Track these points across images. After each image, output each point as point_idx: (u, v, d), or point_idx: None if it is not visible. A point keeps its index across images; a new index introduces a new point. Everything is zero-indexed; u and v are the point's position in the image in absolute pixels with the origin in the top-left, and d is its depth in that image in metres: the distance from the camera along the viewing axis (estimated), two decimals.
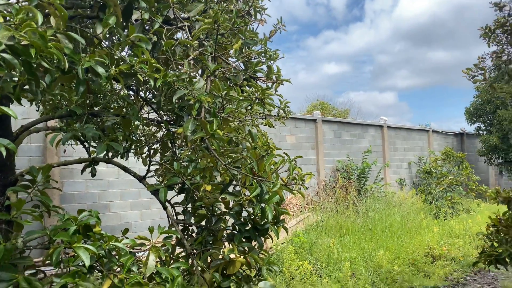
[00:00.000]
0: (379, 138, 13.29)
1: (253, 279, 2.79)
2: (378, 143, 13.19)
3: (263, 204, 2.40)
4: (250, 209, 2.65)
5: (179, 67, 2.29)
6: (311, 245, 7.09)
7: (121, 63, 1.98)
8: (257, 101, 2.19)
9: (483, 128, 16.06)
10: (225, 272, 2.71)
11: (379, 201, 10.47)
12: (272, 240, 3.34)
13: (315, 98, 28.92)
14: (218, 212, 2.90)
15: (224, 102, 2.09)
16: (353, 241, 7.45)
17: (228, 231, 2.85)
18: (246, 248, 2.72)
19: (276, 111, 3.23)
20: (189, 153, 2.55)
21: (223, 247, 2.83)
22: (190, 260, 2.69)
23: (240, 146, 2.29)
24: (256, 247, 2.79)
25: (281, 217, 2.78)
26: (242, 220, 2.77)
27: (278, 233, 2.74)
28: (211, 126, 1.99)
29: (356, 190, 10.61)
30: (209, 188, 2.25)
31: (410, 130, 14.82)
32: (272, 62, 2.56)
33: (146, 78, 2.06)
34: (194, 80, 2.19)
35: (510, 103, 15.11)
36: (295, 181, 2.21)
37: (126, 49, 2.31)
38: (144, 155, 3.11)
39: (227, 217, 2.82)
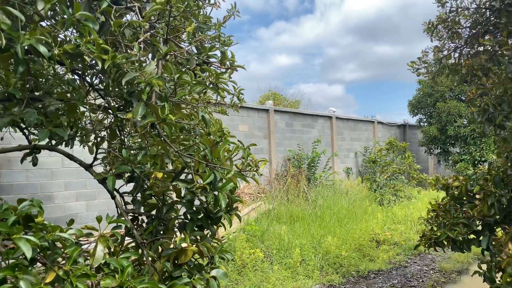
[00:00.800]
0: (328, 129, 13.66)
1: (205, 268, 2.78)
2: (327, 133, 13.56)
3: (216, 192, 2.39)
4: (203, 198, 2.63)
5: (128, 50, 2.19)
6: (263, 233, 7.19)
7: (65, 44, 1.85)
8: (211, 86, 2.15)
9: (424, 120, 16.98)
10: (176, 261, 2.67)
11: (327, 189, 10.80)
12: (225, 229, 3.33)
13: (267, 89, 29.16)
14: (169, 201, 2.85)
15: (177, 86, 2.03)
16: (303, 228, 7.65)
17: (180, 220, 2.81)
18: (198, 237, 2.70)
19: (229, 99, 3.21)
20: (139, 140, 2.46)
21: (174, 236, 2.79)
22: (140, 250, 2.63)
23: (193, 133, 2.24)
24: (208, 235, 2.77)
25: (234, 205, 2.78)
26: (195, 208, 2.74)
27: (231, 221, 2.74)
28: (163, 111, 1.93)
29: (306, 178, 10.87)
30: (160, 175, 2.20)
31: (357, 121, 15.36)
32: (226, 48, 2.52)
33: (93, 60, 1.95)
34: (145, 64, 2.11)
35: (449, 96, 16.09)
36: (250, 167, 2.20)
37: (71, 29, 2.17)
38: (90, 143, 2.97)
39: (179, 206, 2.78)
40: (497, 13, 4.08)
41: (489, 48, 4.57)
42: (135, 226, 2.88)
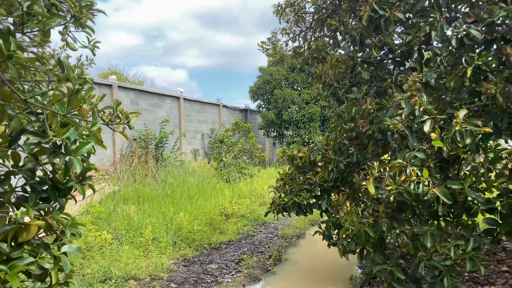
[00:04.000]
0: (176, 109, 13.49)
1: (52, 246, 2.41)
2: (175, 114, 13.37)
3: (68, 158, 2.06)
4: (49, 166, 2.27)
5: None
6: (109, 214, 6.69)
7: None
8: (73, 20, 1.81)
9: (263, 105, 18.31)
10: (13, 242, 2.24)
11: (176, 169, 10.69)
12: (76, 202, 2.96)
13: (106, 67, 27.04)
14: (4, 172, 2.37)
15: (25, 18, 1.65)
16: (153, 207, 7.40)
17: (19, 193, 2.37)
18: (43, 211, 2.32)
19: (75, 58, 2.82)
20: None
21: (11, 211, 2.34)
22: None
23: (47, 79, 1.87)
24: (56, 208, 2.41)
25: (88, 174, 2.48)
26: (38, 179, 2.34)
27: (84, 192, 2.42)
28: (7, 46, 1.55)
29: (154, 159, 10.54)
30: (2, 128, 1.78)
31: (203, 104, 15.58)
32: None
33: None
34: None
35: (284, 85, 17.68)
36: (119, 120, 1.96)
37: None
38: None
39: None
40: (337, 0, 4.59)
41: (329, 33, 5.13)
42: None
